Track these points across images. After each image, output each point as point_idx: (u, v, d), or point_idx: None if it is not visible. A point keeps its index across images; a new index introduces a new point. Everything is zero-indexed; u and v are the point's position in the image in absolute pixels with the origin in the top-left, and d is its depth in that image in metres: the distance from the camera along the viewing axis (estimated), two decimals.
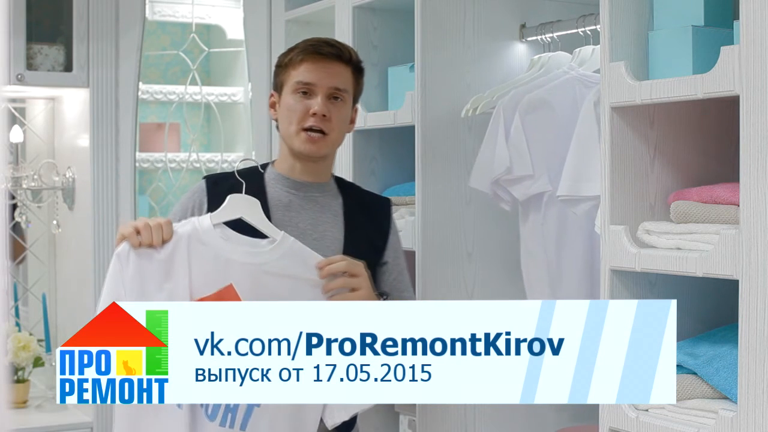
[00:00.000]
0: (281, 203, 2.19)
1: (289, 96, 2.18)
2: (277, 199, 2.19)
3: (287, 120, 2.18)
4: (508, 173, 2.50)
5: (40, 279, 3.80)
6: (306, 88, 2.16)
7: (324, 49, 2.17)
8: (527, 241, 2.54)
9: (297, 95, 2.17)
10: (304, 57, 2.17)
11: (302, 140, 2.17)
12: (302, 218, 2.18)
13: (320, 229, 2.17)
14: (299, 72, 2.17)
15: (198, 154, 4.03)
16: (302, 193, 2.22)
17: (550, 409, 2.81)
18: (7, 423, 1.08)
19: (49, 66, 3.46)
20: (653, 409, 1.95)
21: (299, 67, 2.17)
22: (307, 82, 2.16)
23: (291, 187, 2.21)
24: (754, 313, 1.72)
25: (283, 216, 2.17)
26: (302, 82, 2.16)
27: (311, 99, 2.16)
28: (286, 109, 2.18)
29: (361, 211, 2.25)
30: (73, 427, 3.49)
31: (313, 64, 2.16)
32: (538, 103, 2.52)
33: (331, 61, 2.17)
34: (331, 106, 2.17)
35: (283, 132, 2.21)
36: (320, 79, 2.16)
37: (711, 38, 1.93)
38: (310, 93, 2.17)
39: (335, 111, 2.18)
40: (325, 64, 2.17)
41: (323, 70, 2.17)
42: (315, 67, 2.16)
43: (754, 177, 1.72)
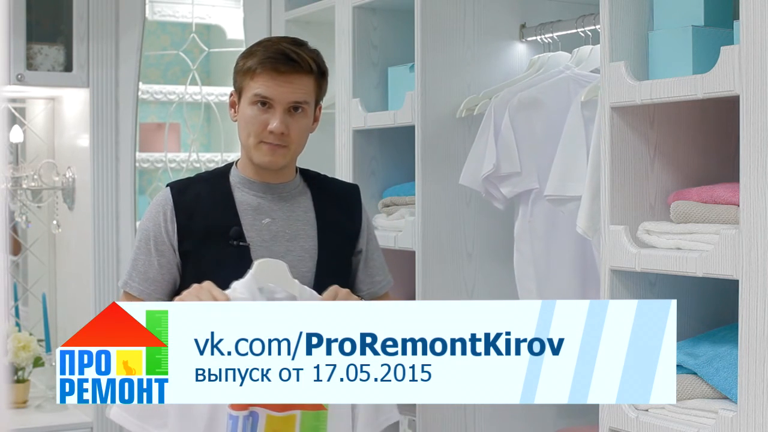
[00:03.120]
0: (250, 207, 2.17)
1: (247, 107, 2.12)
2: (245, 203, 2.18)
3: (245, 131, 2.14)
4: (496, 171, 2.50)
5: (40, 279, 3.80)
6: (264, 100, 2.10)
7: (282, 66, 2.09)
8: (516, 238, 2.56)
9: (255, 107, 2.11)
10: (262, 70, 2.09)
11: (261, 153, 2.13)
12: (273, 221, 2.16)
13: (293, 228, 2.16)
14: (257, 84, 2.10)
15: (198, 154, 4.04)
16: (270, 195, 2.19)
17: (550, 409, 2.81)
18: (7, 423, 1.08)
19: (49, 66, 3.46)
20: (653, 409, 1.95)
21: (257, 79, 2.10)
22: (265, 97, 2.10)
23: (258, 190, 2.19)
24: (754, 313, 1.72)
25: (254, 220, 2.16)
26: (260, 96, 2.10)
27: (269, 113, 2.10)
28: (244, 120, 2.13)
29: (331, 202, 2.23)
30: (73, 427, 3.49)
31: (272, 79, 2.09)
32: (529, 101, 2.52)
33: (290, 75, 2.10)
34: (290, 120, 2.11)
35: (242, 141, 2.17)
36: (279, 95, 2.10)
37: (711, 38, 1.93)
38: (269, 106, 2.11)
39: (294, 123, 2.12)
40: (284, 79, 2.09)
41: (282, 85, 2.09)
42: (274, 82, 2.09)
43: (754, 177, 1.72)
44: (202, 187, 2.19)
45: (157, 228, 2.14)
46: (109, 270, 3.48)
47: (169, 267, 2.13)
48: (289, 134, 2.13)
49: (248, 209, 2.17)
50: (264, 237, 2.14)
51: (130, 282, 2.15)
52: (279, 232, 2.16)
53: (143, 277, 2.13)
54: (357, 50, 2.94)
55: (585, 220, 2.19)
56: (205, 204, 2.16)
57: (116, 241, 3.48)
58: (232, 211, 2.14)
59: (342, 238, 2.23)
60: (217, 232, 2.11)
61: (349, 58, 2.94)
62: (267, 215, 2.17)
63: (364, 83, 2.95)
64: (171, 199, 2.16)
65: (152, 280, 2.13)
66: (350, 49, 2.94)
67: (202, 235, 2.11)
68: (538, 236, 2.52)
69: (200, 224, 2.13)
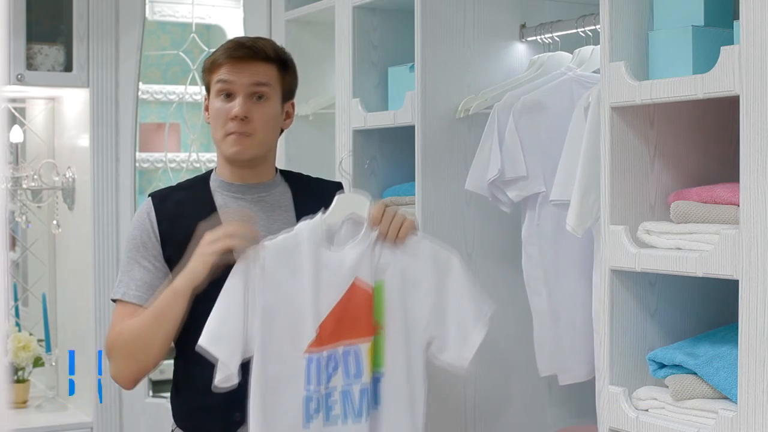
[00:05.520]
0: (230, 209, 2.18)
1: (214, 100, 2.17)
2: (226, 206, 2.18)
3: (214, 125, 2.18)
4: (501, 175, 2.51)
5: (40, 279, 3.80)
6: (226, 89, 2.15)
7: (238, 52, 2.15)
8: (524, 241, 2.56)
9: (220, 98, 2.16)
10: (223, 60, 2.16)
11: (228, 144, 2.15)
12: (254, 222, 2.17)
13: (273, 228, 2.17)
14: (218, 74, 2.16)
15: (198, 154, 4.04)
16: (249, 196, 2.20)
17: (550, 409, 2.81)
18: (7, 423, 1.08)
19: (49, 66, 3.46)
20: (653, 409, 1.95)
21: (218, 70, 2.16)
22: (225, 80, 2.15)
23: (237, 192, 2.20)
24: (754, 313, 1.72)
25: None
26: (221, 82, 2.15)
27: (232, 102, 2.15)
28: (212, 116, 2.18)
29: (313, 201, 2.24)
30: (73, 427, 3.50)
31: (231, 65, 2.15)
32: (533, 104, 2.52)
33: (248, 62, 2.15)
34: (252, 106, 2.15)
35: (214, 138, 2.20)
36: (237, 79, 2.14)
37: (711, 38, 1.93)
38: (232, 95, 2.15)
39: (257, 110, 2.15)
40: (243, 65, 2.15)
41: (240, 71, 2.15)
42: (232, 68, 2.15)
43: (754, 177, 1.72)
44: (182, 194, 2.21)
45: (145, 234, 2.15)
46: (109, 270, 3.48)
47: (164, 270, 2.14)
48: (252, 120, 2.14)
49: (229, 212, 2.17)
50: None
51: (128, 291, 2.13)
52: (261, 232, 2.16)
53: (140, 283, 2.13)
54: (357, 50, 2.94)
55: (574, 217, 2.20)
56: (186, 210, 2.18)
57: (116, 241, 3.48)
58: (214, 216, 2.15)
59: None
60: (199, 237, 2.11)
61: (349, 58, 2.94)
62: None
63: (364, 83, 2.95)
64: (153, 208, 2.18)
65: (149, 285, 2.12)
66: (350, 49, 2.94)
67: (185, 240, 2.12)
68: (546, 239, 2.52)
69: (182, 230, 2.13)
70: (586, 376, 2.51)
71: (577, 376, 2.52)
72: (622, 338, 2.01)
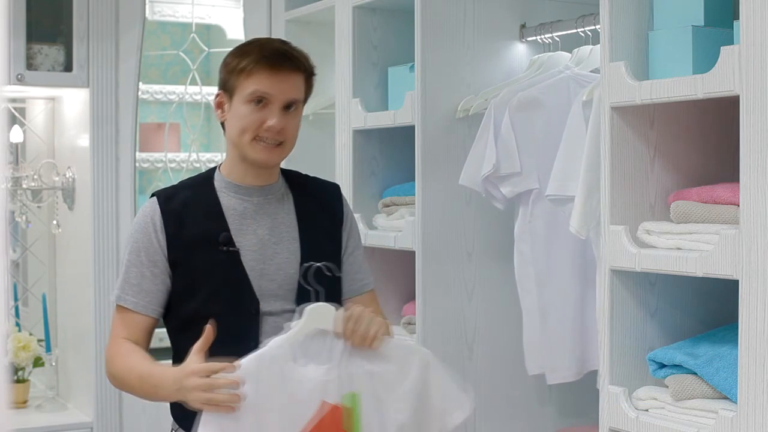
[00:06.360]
0: (236, 212, 2.17)
1: (242, 105, 2.12)
2: (232, 208, 2.17)
3: (239, 129, 2.13)
4: (496, 171, 2.50)
5: (40, 279, 3.80)
6: (261, 98, 2.11)
7: (280, 62, 2.11)
8: (516, 238, 2.56)
9: (251, 105, 2.11)
10: (260, 68, 2.10)
11: (257, 150, 2.12)
12: (259, 225, 2.16)
13: (277, 232, 2.16)
14: (253, 81, 2.10)
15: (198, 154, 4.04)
16: (255, 199, 2.19)
17: (550, 409, 2.81)
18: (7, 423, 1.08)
19: (49, 66, 3.46)
20: (653, 409, 1.95)
21: (253, 77, 2.10)
22: (264, 93, 2.10)
23: (244, 195, 2.18)
24: (754, 313, 1.72)
25: (240, 225, 2.15)
26: (257, 94, 2.10)
27: (265, 110, 2.10)
28: (237, 118, 2.13)
29: (314, 203, 2.22)
30: (73, 427, 3.50)
31: (270, 77, 2.10)
32: (529, 101, 2.52)
33: (287, 73, 2.12)
34: (284, 117, 2.12)
35: (234, 140, 2.16)
36: (277, 92, 2.10)
37: (711, 38, 1.93)
38: (265, 104, 2.11)
39: (289, 121, 2.13)
40: (281, 76, 2.11)
41: (280, 83, 2.10)
42: (271, 80, 2.10)
43: (754, 177, 1.72)
44: (187, 194, 2.19)
45: (147, 238, 2.14)
46: (109, 270, 3.48)
47: (162, 277, 2.13)
48: (286, 130, 2.13)
49: (235, 214, 2.16)
50: (252, 241, 2.14)
51: (123, 296, 2.13)
52: (265, 236, 2.16)
53: (137, 289, 2.12)
54: (357, 50, 2.94)
55: (578, 219, 2.19)
56: (192, 211, 2.16)
57: (116, 241, 3.48)
58: (220, 217, 2.14)
59: (325, 238, 2.22)
60: (206, 239, 2.10)
61: (349, 58, 2.94)
62: (253, 219, 2.17)
63: (364, 83, 2.95)
64: (159, 209, 2.15)
65: (146, 292, 2.12)
66: (350, 49, 2.94)
67: (191, 242, 2.11)
68: (538, 236, 2.52)
69: (189, 232, 2.12)
70: (575, 377, 2.51)
71: (565, 376, 2.51)
72: (622, 338, 2.01)
